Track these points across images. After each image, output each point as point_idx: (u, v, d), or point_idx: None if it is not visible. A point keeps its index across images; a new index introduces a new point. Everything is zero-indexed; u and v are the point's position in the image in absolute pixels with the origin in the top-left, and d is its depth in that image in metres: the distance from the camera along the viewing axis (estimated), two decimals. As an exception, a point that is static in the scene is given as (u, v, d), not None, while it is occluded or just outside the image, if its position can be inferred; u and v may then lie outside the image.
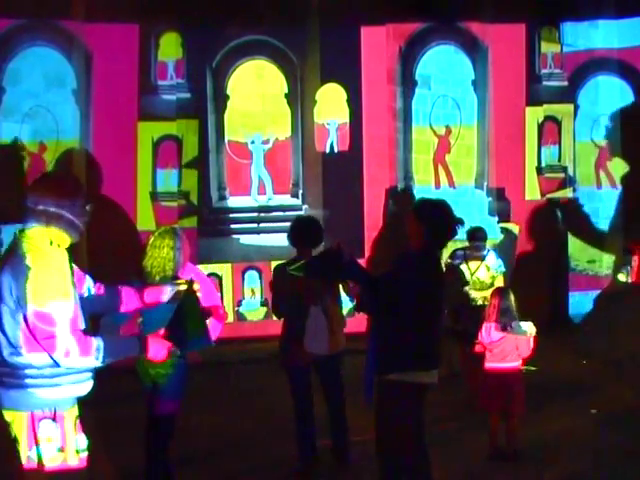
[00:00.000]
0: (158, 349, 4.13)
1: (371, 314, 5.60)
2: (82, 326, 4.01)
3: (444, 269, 6.83)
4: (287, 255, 11.22)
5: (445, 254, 8.05)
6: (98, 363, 3.95)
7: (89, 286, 4.30)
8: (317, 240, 6.56)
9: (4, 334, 3.82)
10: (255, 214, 11.45)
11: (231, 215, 11.43)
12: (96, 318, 4.48)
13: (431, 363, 5.33)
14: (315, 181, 11.48)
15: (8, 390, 3.83)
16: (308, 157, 11.55)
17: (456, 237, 5.59)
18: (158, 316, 4.43)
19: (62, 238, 4.03)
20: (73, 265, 4.16)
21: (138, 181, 11.04)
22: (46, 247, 3.95)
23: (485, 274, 8.65)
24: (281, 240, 11.34)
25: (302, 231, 6.57)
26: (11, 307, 3.81)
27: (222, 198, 11.43)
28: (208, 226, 11.28)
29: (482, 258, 8.72)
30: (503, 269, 8.87)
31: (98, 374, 4.12)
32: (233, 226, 11.39)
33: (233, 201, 11.47)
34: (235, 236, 11.40)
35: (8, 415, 3.88)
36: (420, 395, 5.31)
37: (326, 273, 5.50)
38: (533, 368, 8.25)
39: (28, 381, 3.81)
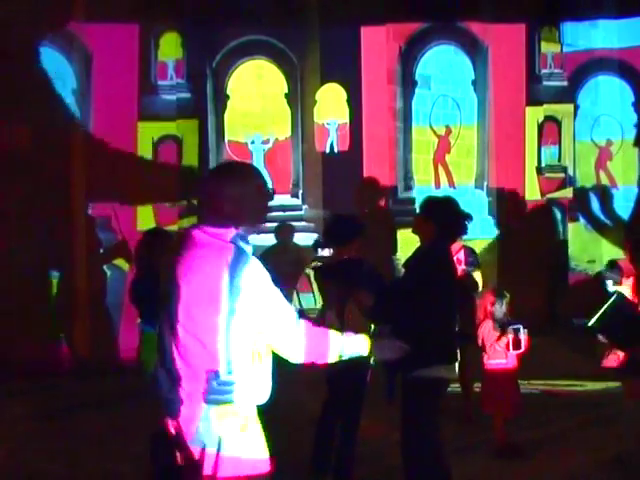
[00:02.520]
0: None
1: (385, 321, 5.57)
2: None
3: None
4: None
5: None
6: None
7: None
8: (339, 239, 6.15)
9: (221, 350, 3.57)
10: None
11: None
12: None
13: (451, 357, 5.34)
14: (315, 181, 11.48)
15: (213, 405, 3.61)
16: (308, 157, 11.55)
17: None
18: None
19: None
20: None
21: (139, 181, 11.04)
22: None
23: None
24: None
25: (326, 230, 6.41)
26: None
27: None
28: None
29: None
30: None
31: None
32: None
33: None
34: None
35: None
36: (443, 391, 5.32)
37: (341, 277, 5.53)
38: None
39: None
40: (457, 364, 5.49)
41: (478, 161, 11.89)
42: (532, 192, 11.90)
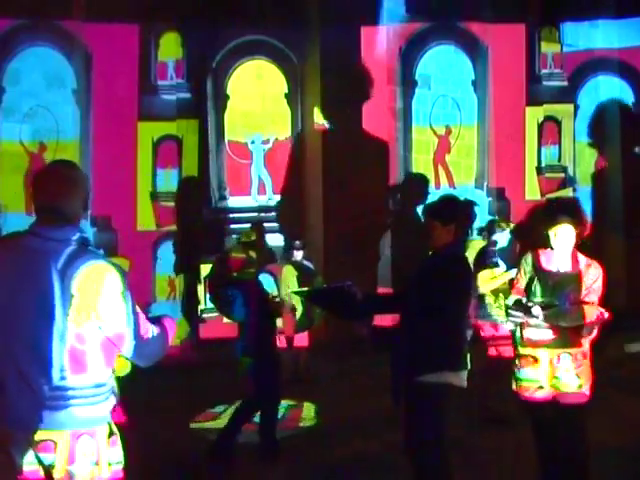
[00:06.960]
0: None
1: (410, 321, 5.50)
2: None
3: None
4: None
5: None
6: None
7: None
8: None
9: (51, 356, 3.51)
10: (255, 214, 11.44)
11: (231, 215, 11.43)
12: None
13: (461, 364, 5.24)
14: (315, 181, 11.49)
15: (52, 411, 3.67)
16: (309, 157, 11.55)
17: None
18: None
19: None
20: None
21: (138, 181, 11.05)
22: None
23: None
24: (281, 240, 11.41)
25: None
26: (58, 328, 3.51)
27: (222, 198, 11.43)
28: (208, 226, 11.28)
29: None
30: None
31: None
32: (233, 226, 11.39)
33: (233, 201, 11.46)
34: (235, 236, 11.38)
35: (49, 434, 3.75)
36: (450, 398, 5.23)
37: (332, 310, 5.49)
38: None
39: (70, 401, 3.67)
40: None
41: (478, 161, 11.90)
42: (532, 192, 11.90)
